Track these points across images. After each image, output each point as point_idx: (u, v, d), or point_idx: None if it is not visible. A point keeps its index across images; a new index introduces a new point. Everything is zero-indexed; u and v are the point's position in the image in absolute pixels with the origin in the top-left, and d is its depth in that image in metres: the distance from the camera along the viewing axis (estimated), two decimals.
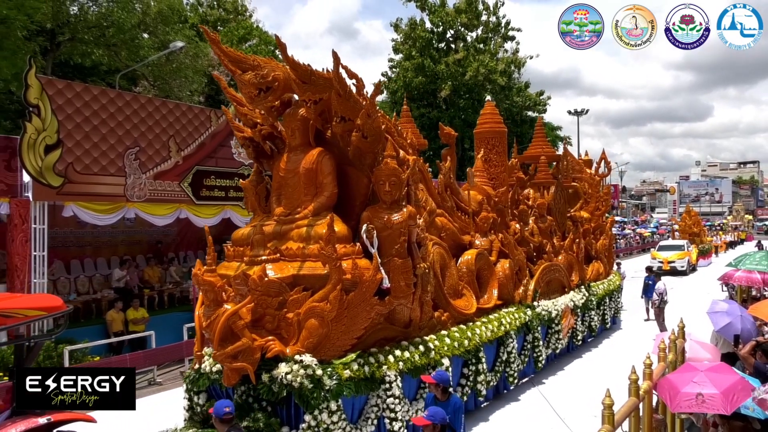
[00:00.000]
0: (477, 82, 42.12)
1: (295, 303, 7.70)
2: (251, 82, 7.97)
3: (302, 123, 8.64)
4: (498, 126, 13.88)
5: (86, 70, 28.45)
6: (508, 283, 11.52)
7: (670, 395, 5.72)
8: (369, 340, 8.15)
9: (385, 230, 8.18)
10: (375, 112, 8.21)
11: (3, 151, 12.93)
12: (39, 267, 12.76)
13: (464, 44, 44.49)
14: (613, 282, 17.62)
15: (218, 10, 41.08)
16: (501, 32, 45.06)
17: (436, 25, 44.17)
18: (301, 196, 8.60)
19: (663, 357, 7.33)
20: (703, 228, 46.79)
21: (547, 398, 10.70)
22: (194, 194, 15.77)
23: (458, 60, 42.69)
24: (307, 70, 8.05)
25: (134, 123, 14.53)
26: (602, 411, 5.23)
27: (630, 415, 5.85)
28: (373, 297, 7.75)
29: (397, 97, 44.47)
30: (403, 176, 8.31)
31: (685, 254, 34.58)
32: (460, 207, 11.89)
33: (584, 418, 9.36)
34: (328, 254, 7.46)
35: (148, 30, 26.12)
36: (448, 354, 8.88)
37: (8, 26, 21.60)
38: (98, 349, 13.52)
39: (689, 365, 6.35)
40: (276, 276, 7.80)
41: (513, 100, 45.10)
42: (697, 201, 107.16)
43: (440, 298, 9.56)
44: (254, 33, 39.21)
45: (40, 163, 12.50)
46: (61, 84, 13.40)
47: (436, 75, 43.24)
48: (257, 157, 9.33)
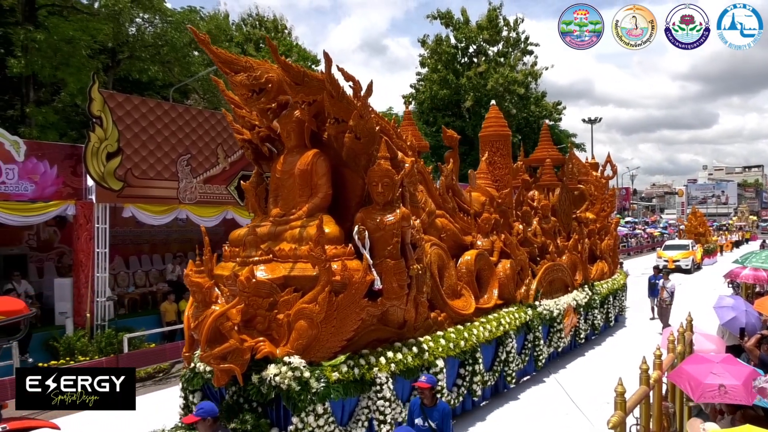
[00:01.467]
0: (497, 92, 42.53)
1: (286, 304, 7.14)
2: (243, 83, 7.42)
3: (297, 125, 8.07)
4: (502, 129, 13.18)
5: (143, 85, 29.51)
6: (509, 283, 10.84)
7: (692, 386, 5.62)
8: (361, 341, 7.55)
9: (378, 231, 7.57)
10: (368, 113, 7.61)
11: (69, 158, 13.58)
12: (101, 262, 13.43)
13: (486, 58, 45.10)
14: (617, 281, 16.79)
15: (260, 29, 42.54)
16: (520, 47, 45.82)
17: (459, 40, 45.25)
18: (296, 197, 8.04)
19: (672, 348, 7.12)
20: (709, 228, 45.50)
21: (563, 386, 10.45)
22: (240, 197, 15.87)
23: (480, 73, 43.33)
24: (299, 71, 7.50)
25: (186, 132, 15.24)
26: (614, 398, 5.10)
27: (641, 403, 5.74)
28: (363, 299, 7.16)
29: (423, 108, 45.91)
30: (396, 177, 7.70)
31: (689, 253, 33.46)
32: (463, 208, 11.24)
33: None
34: (317, 255, 6.88)
35: (199, 48, 26.64)
36: (443, 355, 8.24)
37: (74, 46, 22.80)
38: (153, 337, 14.11)
39: (699, 356, 6.27)
40: (267, 277, 7.26)
41: (531, 110, 45.74)
42: (704, 203, 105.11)
43: (437, 299, 8.92)
44: (294, 50, 40.37)
45: (102, 168, 13.14)
46: (120, 97, 14.00)
47: (460, 87, 44.09)
48: (256, 159, 8.78)
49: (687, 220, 45.94)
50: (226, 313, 6.76)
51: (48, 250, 16.13)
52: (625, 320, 17.72)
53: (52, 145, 14.38)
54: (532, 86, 46.48)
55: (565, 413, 9.53)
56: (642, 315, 18.21)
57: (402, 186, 8.07)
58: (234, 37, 39.12)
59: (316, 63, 40.67)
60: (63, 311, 13.42)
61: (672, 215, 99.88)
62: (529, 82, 45.37)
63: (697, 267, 34.90)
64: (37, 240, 15.97)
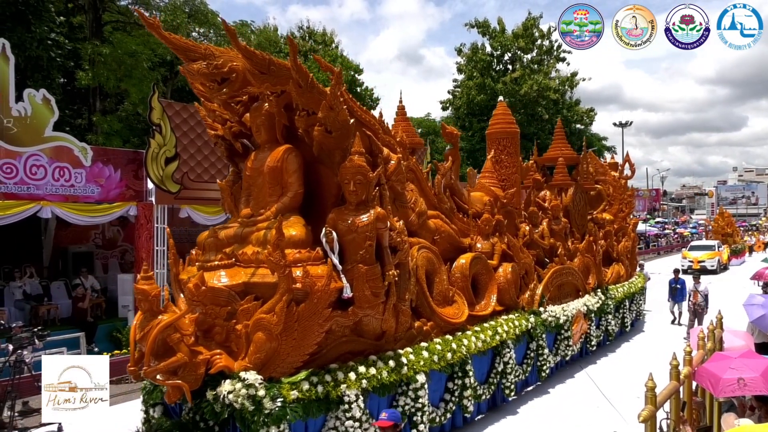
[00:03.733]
0: (531, 97, 42.47)
1: (245, 314, 6.16)
2: (201, 72, 6.44)
3: (267, 118, 7.09)
4: (509, 126, 11.95)
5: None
6: (509, 289, 9.65)
7: (712, 383, 5.58)
8: (330, 354, 6.51)
9: (350, 234, 6.53)
10: (339, 104, 6.56)
11: (131, 163, 14.19)
12: (160, 260, 13.58)
13: (520, 65, 45.02)
14: (634, 284, 15.35)
15: (309, 42, 42.77)
16: (554, 54, 45.54)
17: (495, 48, 45.36)
18: (266, 196, 7.06)
19: (702, 345, 6.78)
20: (736, 228, 43.05)
21: (594, 381, 9.85)
22: None
23: (515, 78, 43.30)
24: (264, 58, 6.50)
25: None
26: (645, 393, 4.94)
27: (671, 398, 5.51)
28: (328, 308, 6.12)
29: (460, 113, 46.28)
30: (370, 175, 6.63)
31: (715, 254, 31.47)
32: (462, 209, 10.11)
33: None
34: (275, 260, 5.88)
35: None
36: (425, 369, 7.11)
37: (136, 59, 23.72)
38: None
39: (719, 354, 6.21)
40: (224, 283, 6.29)
41: (563, 115, 45.06)
42: (734, 204, 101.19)
43: (424, 307, 7.81)
44: (338, 61, 40.24)
45: (161, 172, 13.43)
46: (178, 106, 14.13)
47: (495, 93, 43.61)
48: (230, 156, 7.82)
49: (714, 221, 43.50)
50: (174, 323, 5.81)
51: (112, 247, 16.97)
52: (644, 325, 16.26)
53: (116, 151, 14.93)
54: (568, 94, 46.39)
55: (570, 427, 8.34)
56: (661, 319, 16.68)
57: (380, 184, 7.00)
58: (283, 48, 39.40)
59: (359, 72, 41.18)
60: (125, 305, 13.99)
61: (702, 216, 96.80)
62: (564, 90, 45.35)
63: (724, 268, 32.85)
64: (103, 238, 16.81)
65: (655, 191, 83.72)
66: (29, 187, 12.38)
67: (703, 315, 14.31)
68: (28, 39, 19.88)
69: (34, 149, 12.36)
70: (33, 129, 12.47)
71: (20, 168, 12.27)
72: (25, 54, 19.80)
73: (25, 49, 19.72)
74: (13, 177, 12.18)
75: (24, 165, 12.30)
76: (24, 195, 12.28)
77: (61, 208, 12.65)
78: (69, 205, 12.80)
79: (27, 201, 12.17)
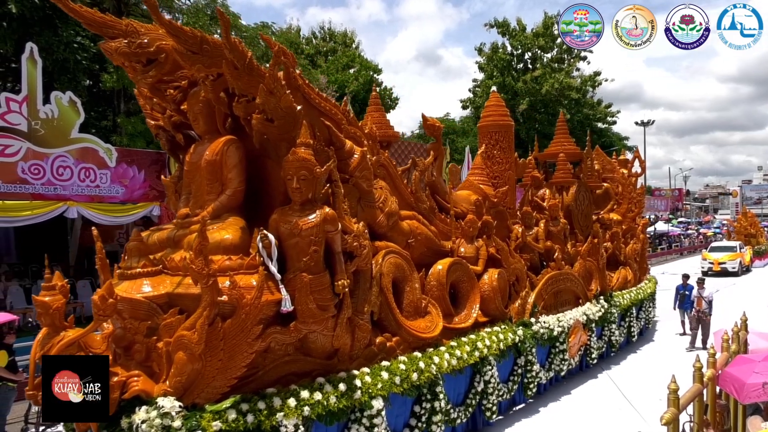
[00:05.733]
0: (552, 97, 42.52)
1: (168, 329, 5.35)
2: (122, 51, 5.65)
3: (206, 106, 6.29)
4: (502, 119, 11.05)
5: None
6: (495, 297, 8.76)
7: (736, 388, 5.56)
8: (268, 376, 5.69)
9: (292, 238, 5.71)
10: (280, 88, 5.74)
11: (155, 164, 14.54)
12: None
13: (541, 64, 45.05)
14: (643, 290, 14.34)
15: (330, 42, 43.67)
16: (574, 53, 45.24)
17: (515, 47, 45.33)
18: (204, 194, 6.27)
19: (726, 347, 6.61)
20: (760, 229, 41.50)
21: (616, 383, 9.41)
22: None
23: (535, 77, 43.31)
24: (194, 36, 5.68)
25: None
26: (668, 395, 4.85)
27: (694, 400, 5.41)
28: (258, 326, 5.30)
29: (480, 113, 45.10)
30: (318, 170, 5.79)
31: (737, 255, 30.17)
32: (445, 209, 9.23)
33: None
34: (196, 269, 5.07)
35: (269, 61, 26.47)
36: (383, 393, 6.25)
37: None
38: None
39: (742, 358, 6.18)
40: (147, 293, 5.51)
41: (585, 113, 45.65)
42: (759, 203, 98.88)
43: (389, 320, 6.96)
44: (357, 60, 40.88)
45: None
46: None
47: (516, 92, 44.12)
48: (172, 150, 7.05)
49: (736, 221, 42.00)
50: (78, 340, 5.04)
51: None
52: (655, 333, 15.24)
53: (140, 152, 15.19)
54: (590, 94, 46.33)
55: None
56: (673, 327, 15.60)
57: (332, 181, 6.16)
58: (304, 50, 40.57)
59: (378, 72, 41.53)
60: None
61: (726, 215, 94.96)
62: (586, 90, 45.31)
63: (746, 269, 31.53)
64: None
65: (678, 191, 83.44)
66: (56, 188, 12.79)
67: (708, 323, 13.24)
68: (55, 42, 20.11)
69: (61, 150, 12.72)
70: (60, 131, 12.83)
71: (47, 169, 12.69)
72: (53, 57, 20.02)
73: (53, 52, 19.98)
74: (40, 178, 12.60)
75: (51, 166, 12.72)
76: (51, 195, 12.73)
77: (87, 208, 13.17)
78: (94, 206, 13.31)
79: (54, 201, 12.68)
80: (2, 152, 12.21)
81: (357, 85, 39.18)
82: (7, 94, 12.69)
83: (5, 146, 12.23)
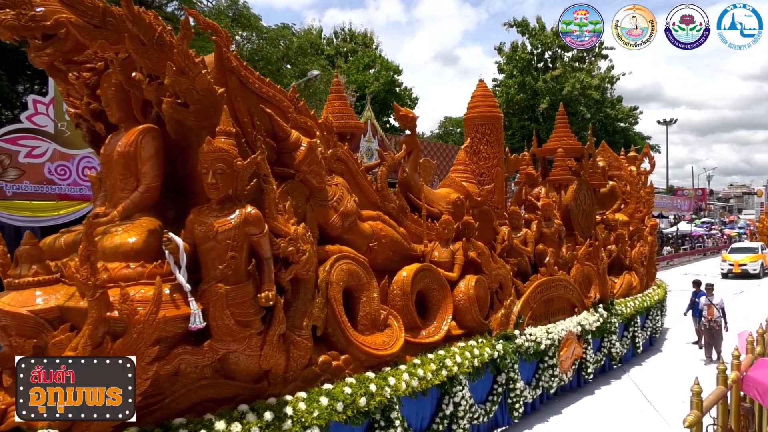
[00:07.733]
0: (573, 96, 41.98)
1: (58, 348, 4.59)
2: (8, 24, 4.87)
3: (118, 90, 5.53)
4: (489, 110, 10.17)
5: None
6: (472, 307, 7.89)
7: (759, 392, 5.48)
8: (178, 404, 4.90)
9: (207, 241, 4.92)
10: (194, 67, 4.95)
11: None
12: None
13: (561, 63, 44.70)
14: (650, 297, 13.33)
15: (350, 43, 43.77)
16: (595, 51, 44.69)
17: (535, 46, 44.55)
18: (117, 191, 5.51)
19: (751, 350, 6.34)
20: None
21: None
22: None
23: (556, 77, 43.02)
24: (96, 7, 4.94)
25: None
26: (691, 397, 4.59)
27: (718, 403, 5.22)
28: (154, 347, 4.51)
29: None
30: (238, 162, 4.99)
31: (758, 257, 29.07)
32: (418, 209, 8.38)
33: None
34: (82, 278, 4.31)
35: (290, 61, 27.58)
36: (320, 422, 5.41)
37: None
38: None
39: (764, 361, 5.98)
40: (35, 306, 4.74)
41: (606, 113, 45.09)
42: None
43: (337, 335, 6.14)
44: (377, 61, 41.03)
45: None
46: None
47: (536, 91, 43.93)
48: (92, 141, 6.29)
49: (760, 221, 40.50)
50: None
51: None
52: (664, 342, 14.22)
53: None
54: (609, 91, 45.83)
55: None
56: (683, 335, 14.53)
57: (259, 176, 5.35)
58: (325, 50, 40.54)
59: (398, 73, 41.61)
60: None
61: (751, 215, 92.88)
62: (605, 88, 44.87)
63: (767, 272, 30.26)
64: None
65: (701, 190, 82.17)
66: (81, 188, 13.01)
67: (720, 334, 12.17)
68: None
69: (86, 152, 12.81)
70: None
71: (73, 170, 13.01)
72: None
73: None
74: (66, 178, 12.94)
75: (77, 167, 13.04)
76: (76, 196, 13.04)
77: None
78: None
79: (79, 201, 12.94)
80: (30, 153, 12.63)
81: (377, 86, 38.74)
82: (35, 96, 13.05)
83: (32, 147, 12.65)
